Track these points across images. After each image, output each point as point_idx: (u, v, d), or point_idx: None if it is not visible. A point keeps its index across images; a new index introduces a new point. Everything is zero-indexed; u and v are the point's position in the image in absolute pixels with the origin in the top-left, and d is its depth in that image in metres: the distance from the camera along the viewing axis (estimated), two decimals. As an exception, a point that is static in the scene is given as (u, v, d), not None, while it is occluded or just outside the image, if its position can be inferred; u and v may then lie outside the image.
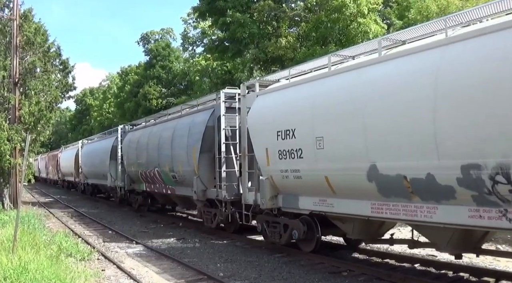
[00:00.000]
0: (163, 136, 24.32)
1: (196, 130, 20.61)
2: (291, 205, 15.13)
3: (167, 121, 25.47)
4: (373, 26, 31.39)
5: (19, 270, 11.02)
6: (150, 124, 28.75)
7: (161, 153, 24.11)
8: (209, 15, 40.86)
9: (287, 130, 14.20)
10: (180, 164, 21.96)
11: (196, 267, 14.33)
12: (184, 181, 22.06)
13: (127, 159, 30.65)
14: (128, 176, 31.08)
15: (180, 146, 21.83)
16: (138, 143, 28.28)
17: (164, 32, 75.98)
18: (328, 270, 13.71)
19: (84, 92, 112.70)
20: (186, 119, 22.57)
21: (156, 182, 26.15)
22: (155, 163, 25.06)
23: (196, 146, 20.27)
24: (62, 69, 30.62)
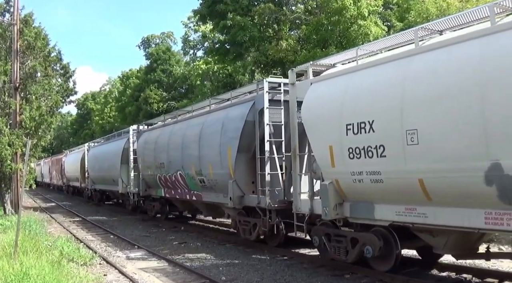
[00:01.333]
0: (188, 135, 21.47)
1: (232, 126, 17.88)
2: (362, 214, 12.53)
3: (192, 118, 22.42)
4: (373, 28, 31.41)
5: (20, 275, 11.00)
6: (170, 122, 25.60)
7: (186, 154, 21.39)
8: (210, 18, 40.89)
9: (362, 123, 11.67)
10: (210, 166, 19.19)
11: (198, 271, 14.30)
12: (215, 185, 19.37)
13: (143, 161, 27.58)
14: (143, 181, 28.28)
15: (211, 145, 19.13)
16: (156, 143, 25.46)
17: (164, 36, 76.12)
18: (331, 273, 13.66)
19: (85, 97, 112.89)
20: (217, 115, 19.70)
21: (178, 187, 23.35)
22: (177, 166, 22.33)
23: (232, 144, 17.56)
24: (63, 74, 30.60)
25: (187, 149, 21.37)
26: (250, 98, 18.05)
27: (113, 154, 34.87)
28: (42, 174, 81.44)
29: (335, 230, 13.71)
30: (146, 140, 27.50)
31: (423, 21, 25.58)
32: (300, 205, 14.66)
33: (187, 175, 21.48)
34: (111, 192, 39.64)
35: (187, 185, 22.12)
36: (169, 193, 24.99)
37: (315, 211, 13.92)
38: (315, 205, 13.94)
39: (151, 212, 28.99)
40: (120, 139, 35.28)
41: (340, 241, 13.41)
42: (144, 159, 27.27)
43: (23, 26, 27.60)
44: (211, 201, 20.51)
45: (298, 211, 14.74)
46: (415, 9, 31.32)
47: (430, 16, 27.10)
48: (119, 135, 38.00)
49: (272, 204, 16.20)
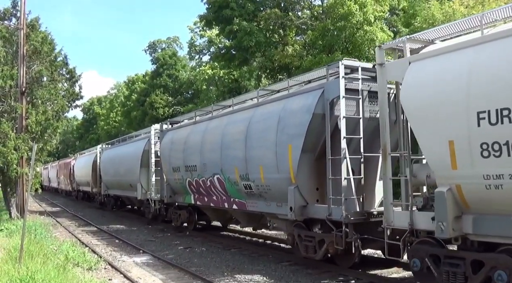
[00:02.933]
0: (230, 133, 18.42)
1: (293, 121, 14.80)
2: (493, 230, 9.83)
3: (234, 113, 19.26)
4: (379, 34, 31.44)
5: (26, 280, 11.02)
6: (204, 119, 22.14)
7: (227, 155, 18.41)
8: (216, 23, 40.97)
9: (504, 110, 9.09)
10: (261, 169, 16.16)
11: (203, 276, 14.29)
12: (267, 192, 16.36)
13: (168, 164, 24.15)
14: (168, 186, 24.84)
15: (263, 145, 16.14)
16: (185, 143, 22.20)
17: (170, 41, 76.29)
18: (336, 279, 13.66)
19: (91, 101, 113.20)
20: (270, 108, 16.50)
21: (214, 193, 20.33)
22: (215, 169, 19.34)
23: (295, 142, 14.55)
24: (69, 78, 30.63)
25: (228, 149, 18.37)
26: (317, 86, 14.76)
27: (131, 156, 31.73)
28: (50, 178, 79.26)
29: (447, 251, 10.90)
30: (173, 141, 24.15)
31: (429, 27, 25.63)
32: (393, 218, 11.81)
33: (227, 180, 18.56)
34: (126, 198, 36.99)
35: (226, 191, 19.18)
36: (200, 200, 21.97)
37: (417, 226, 11.30)
38: (417, 218, 11.29)
39: (177, 222, 25.62)
40: (140, 140, 32.17)
41: (456, 265, 10.44)
42: (170, 162, 23.97)
43: (29, 31, 27.67)
44: (259, 210, 17.43)
45: (390, 225, 11.89)
46: (421, 15, 31.28)
47: (436, 22, 27.11)
48: (138, 135, 35.34)
49: (350, 216, 13.25)
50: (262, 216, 18.61)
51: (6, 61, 27.53)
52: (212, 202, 20.87)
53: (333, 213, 13.60)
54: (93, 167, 43.77)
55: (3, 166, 25.35)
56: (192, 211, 24.28)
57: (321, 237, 14.50)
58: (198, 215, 24.38)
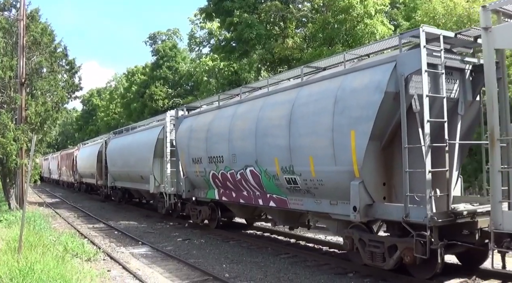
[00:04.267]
0: (267, 117, 15.82)
1: (357, 101, 12.28)
2: None
3: (271, 94, 16.58)
4: (380, 27, 31.42)
5: (25, 270, 11.02)
6: (231, 102, 19.58)
7: (263, 144, 15.88)
8: (216, 15, 40.90)
9: None
10: (311, 161, 13.73)
11: (201, 268, 14.32)
12: (317, 188, 13.87)
13: (187, 155, 21.54)
14: (187, 180, 22.20)
15: (314, 130, 13.63)
16: (208, 131, 19.68)
17: (170, 33, 76.23)
18: (334, 271, 13.68)
19: (91, 93, 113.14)
20: (322, 86, 13.88)
21: (244, 188, 17.83)
22: (247, 160, 16.85)
23: (360, 128, 12.11)
24: (68, 69, 30.61)
25: (265, 136, 15.80)
26: (387, 59, 12.20)
27: (143, 146, 29.02)
28: (50, 169, 76.96)
29: None
30: (192, 128, 21.48)
31: (430, 21, 25.61)
32: (503, 219, 9.71)
33: (264, 173, 16.09)
34: (136, 191, 34.43)
35: (261, 186, 16.65)
36: (226, 196, 19.49)
37: None
38: None
39: (196, 219, 23.01)
40: (153, 128, 29.17)
41: None
42: (189, 152, 21.41)
43: (29, 22, 27.64)
44: (304, 209, 15.05)
45: (499, 229, 9.76)
46: (422, 9, 31.27)
47: (437, 15, 27.07)
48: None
49: (437, 218, 10.82)
50: (301, 214, 16.89)
51: (6, 52, 27.50)
52: (242, 198, 18.24)
53: (411, 213, 11.16)
54: (99, 157, 41.22)
55: (3, 157, 25.38)
56: (215, 207, 21.70)
57: (392, 242, 12.12)
58: (222, 211, 21.72)
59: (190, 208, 23.61)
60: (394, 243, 11.96)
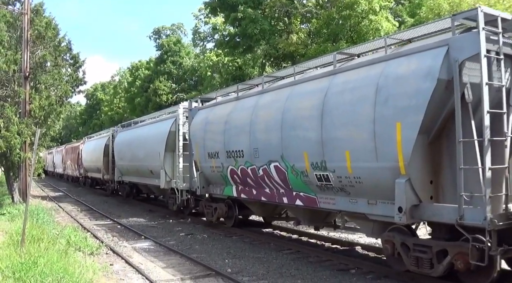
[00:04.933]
0: (295, 108, 14.58)
1: (404, 89, 11.03)
2: None
3: (299, 83, 15.25)
4: (384, 23, 31.26)
5: (28, 264, 11.06)
6: (252, 93, 18.28)
7: (290, 137, 14.63)
8: (221, 10, 40.82)
9: None
10: (348, 156, 12.47)
11: (204, 263, 14.36)
12: (355, 186, 12.60)
13: (203, 148, 20.39)
14: (202, 175, 21.03)
15: (352, 122, 12.35)
16: (226, 123, 18.51)
17: (175, 28, 76.17)
18: (336, 267, 13.69)
19: (95, 87, 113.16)
20: (361, 74, 12.58)
21: (267, 185, 16.63)
22: (272, 154, 15.62)
23: (409, 120, 10.84)
24: (72, 63, 30.64)
25: (293, 129, 14.56)
26: (438, 43, 10.91)
27: (153, 139, 27.70)
28: (54, 163, 76.35)
29: None
30: (208, 120, 20.30)
31: (434, 17, 25.53)
32: None
33: (290, 169, 14.83)
34: (144, 186, 33.08)
35: (287, 183, 15.38)
36: (246, 193, 18.19)
37: None
38: None
39: (211, 216, 21.62)
40: (164, 120, 27.76)
41: None
42: (205, 146, 20.23)
43: (33, 16, 27.66)
44: (337, 209, 13.82)
45: None
46: (427, 5, 31.14)
47: (442, 11, 26.97)
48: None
49: (498, 221, 9.62)
50: (329, 214, 15.87)
51: (10, 46, 27.54)
52: (264, 196, 16.99)
53: (466, 215, 9.98)
54: (105, 151, 40.10)
55: (6, 151, 25.40)
56: (232, 204, 20.42)
57: (441, 246, 10.92)
58: (239, 208, 20.47)
59: (204, 205, 22.20)
60: (444, 248, 10.78)
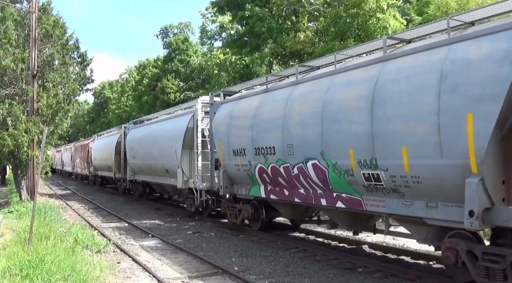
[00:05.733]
0: (338, 99, 13.12)
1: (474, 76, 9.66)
2: None
3: (342, 72, 13.67)
4: (392, 21, 31.22)
5: (35, 261, 11.08)
6: (283, 84, 16.72)
7: (333, 131, 13.16)
8: (228, 9, 40.84)
9: None
10: (405, 152, 10.96)
11: (211, 261, 14.35)
12: (411, 186, 11.11)
13: (227, 145, 18.95)
14: (225, 174, 19.55)
15: (410, 113, 10.84)
16: (255, 117, 17.08)
17: (182, 26, 76.19)
18: (343, 266, 13.66)
19: (102, 86, 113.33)
20: (419, 59, 11.06)
21: (302, 185, 15.11)
22: (309, 151, 14.16)
23: (483, 110, 9.47)
24: (80, 62, 30.67)
25: (336, 122, 13.09)
26: None
27: (169, 136, 26.12)
28: (63, 161, 75.32)
29: None
30: (233, 115, 18.89)
31: (442, 15, 25.47)
32: None
33: (332, 167, 13.35)
34: (158, 186, 31.81)
35: (326, 183, 13.92)
36: (276, 193, 16.73)
37: None
38: None
39: (235, 218, 20.08)
40: (181, 116, 26.20)
41: None
42: (229, 142, 18.84)
43: (41, 14, 27.71)
44: (387, 212, 12.26)
45: None
46: (435, 3, 31.12)
47: (450, 10, 26.92)
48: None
49: None
50: (371, 217, 14.38)
51: (18, 44, 27.59)
52: (297, 196, 15.54)
53: None
54: (117, 149, 38.75)
55: (14, 149, 25.47)
56: (258, 205, 18.84)
57: None
58: (267, 210, 18.83)
59: (227, 206, 20.72)
60: None
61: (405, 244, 15.93)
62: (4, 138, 24.53)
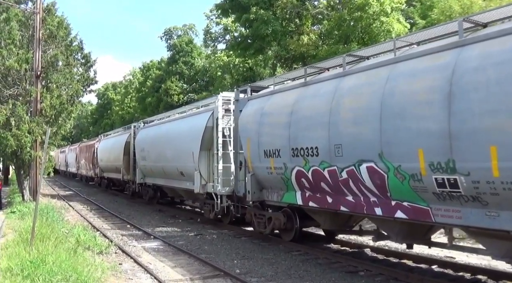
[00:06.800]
0: (401, 91, 11.25)
1: None
2: None
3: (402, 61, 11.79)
4: (396, 25, 31.26)
5: (36, 262, 11.08)
6: (328, 76, 14.67)
7: (396, 129, 11.21)
8: (232, 11, 40.89)
9: None
10: (497, 152, 9.28)
11: (212, 263, 14.34)
12: (499, 194, 9.45)
13: (257, 145, 16.95)
14: (253, 178, 17.59)
15: (503, 107, 9.19)
16: (292, 114, 15.13)
17: (186, 28, 76.29)
18: (345, 269, 13.64)
19: (106, 87, 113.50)
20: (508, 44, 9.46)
21: (351, 191, 13.14)
22: (364, 152, 12.18)
23: None
24: (84, 63, 30.69)
25: (400, 118, 11.15)
26: None
27: (185, 135, 24.10)
28: (67, 162, 73.32)
29: None
30: (264, 111, 16.85)
31: (446, 19, 25.48)
32: None
33: (394, 171, 11.40)
34: (171, 190, 29.50)
35: (384, 189, 11.96)
36: (316, 200, 14.71)
37: None
38: None
39: (263, 228, 18.08)
40: (198, 114, 24.11)
41: None
42: (260, 142, 16.86)
43: (45, 15, 27.75)
44: (464, 224, 10.52)
45: None
46: (438, 7, 31.09)
47: (453, 14, 26.92)
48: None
49: None
50: (432, 228, 12.82)
51: (22, 45, 27.64)
52: (344, 204, 13.58)
53: None
54: (125, 149, 36.71)
55: (17, 149, 25.50)
56: (292, 214, 16.84)
57: None
58: (301, 219, 16.86)
59: (253, 213, 18.72)
60: None
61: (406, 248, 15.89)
62: (8, 138, 24.54)
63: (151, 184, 31.81)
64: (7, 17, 26.66)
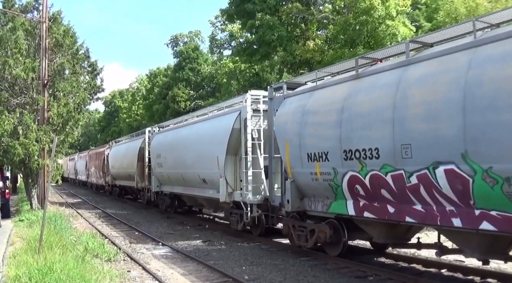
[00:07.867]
0: (489, 80, 9.42)
1: None
2: None
3: (486, 44, 9.89)
4: (401, 28, 31.25)
5: (44, 270, 11.07)
6: (387, 66, 12.68)
7: (486, 124, 9.34)
8: (238, 17, 40.95)
9: None
10: None
11: (221, 270, 14.27)
12: None
13: (298, 148, 15.05)
14: (293, 184, 15.67)
15: None
16: (344, 111, 13.30)
17: (192, 35, 76.50)
18: (354, 274, 13.56)
19: (113, 94, 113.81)
20: None
21: (421, 200, 11.13)
22: (441, 153, 10.28)
23: None
24: (90, 71, 30.79)
25: (493, 111, 9.24)
26: None
27: (208, 139, 22.09)
28: (77, 170, 71.65)
29: None
30: (306, 110, 14.93)
31: (452, 22, 25.46)
32: None
33: (482, 174, 9.46)
34: (190, 198, 27.55)
35: (467, 196, 9.97)
36: (375, 211, 12.65)
37: None
38: None
39: (304, 241, 16.16)
40: (223, 115, 21.97)
41: None
42: (302, 144, 14.90)
43: (51, 24, 27.85)
44: None
45: None
46: (444, 9, 31.13)
47: (459, 16, 26.90)
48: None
49: None
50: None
51: (29, 53, 27.73)
52: (410, 214, 11.52)
53: None
54: (139, 156, 34.76)
55: (25, 157, 25.57)
56: (339, 225, 14.82)
57: None
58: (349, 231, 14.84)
59: (291, 225, 16.70)
60: None
61: (416, 252, 15.80)
62: (15, 147, 24.58)
63: (168, 192, 29.82)
64: (13, 26, 26.73)
